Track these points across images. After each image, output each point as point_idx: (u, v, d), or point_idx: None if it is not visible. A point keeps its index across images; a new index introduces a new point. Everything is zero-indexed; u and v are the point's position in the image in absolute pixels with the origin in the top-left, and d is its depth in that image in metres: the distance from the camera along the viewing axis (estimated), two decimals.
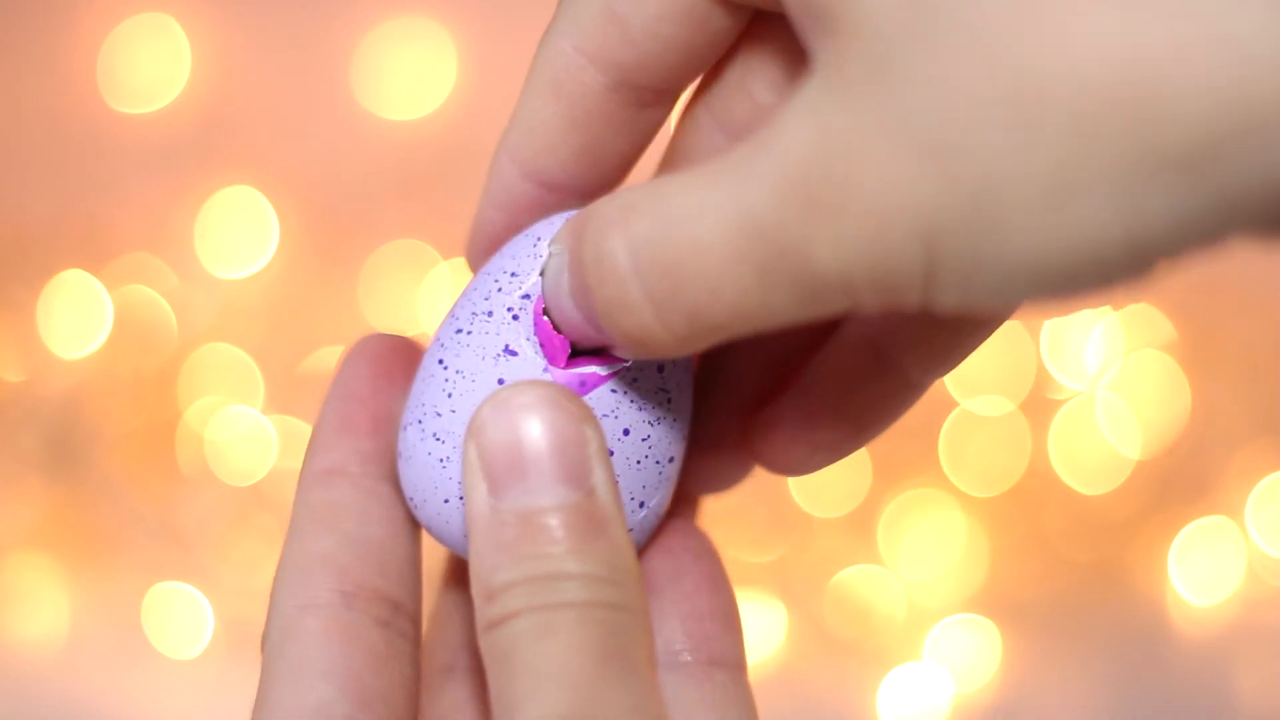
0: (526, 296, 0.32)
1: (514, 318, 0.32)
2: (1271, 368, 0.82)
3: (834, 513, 0.79)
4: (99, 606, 0.78)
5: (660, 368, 0.32)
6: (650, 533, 0.34)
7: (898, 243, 0.24)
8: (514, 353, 0.32)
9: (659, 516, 0.34)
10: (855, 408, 0.34)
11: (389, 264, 0.80)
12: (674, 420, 0.33)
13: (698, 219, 0.26)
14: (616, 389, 0.32)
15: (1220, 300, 0.82)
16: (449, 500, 0.32)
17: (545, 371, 0.31)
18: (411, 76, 0.81)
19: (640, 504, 0.33)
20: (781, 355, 0.35)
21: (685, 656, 0.33)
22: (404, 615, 0.33)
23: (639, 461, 0.32)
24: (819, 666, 0.78)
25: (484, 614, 0.29)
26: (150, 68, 0.80)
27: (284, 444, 0.77)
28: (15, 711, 0.77)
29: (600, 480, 0.30)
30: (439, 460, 0.32)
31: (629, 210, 0.27)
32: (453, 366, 0.32)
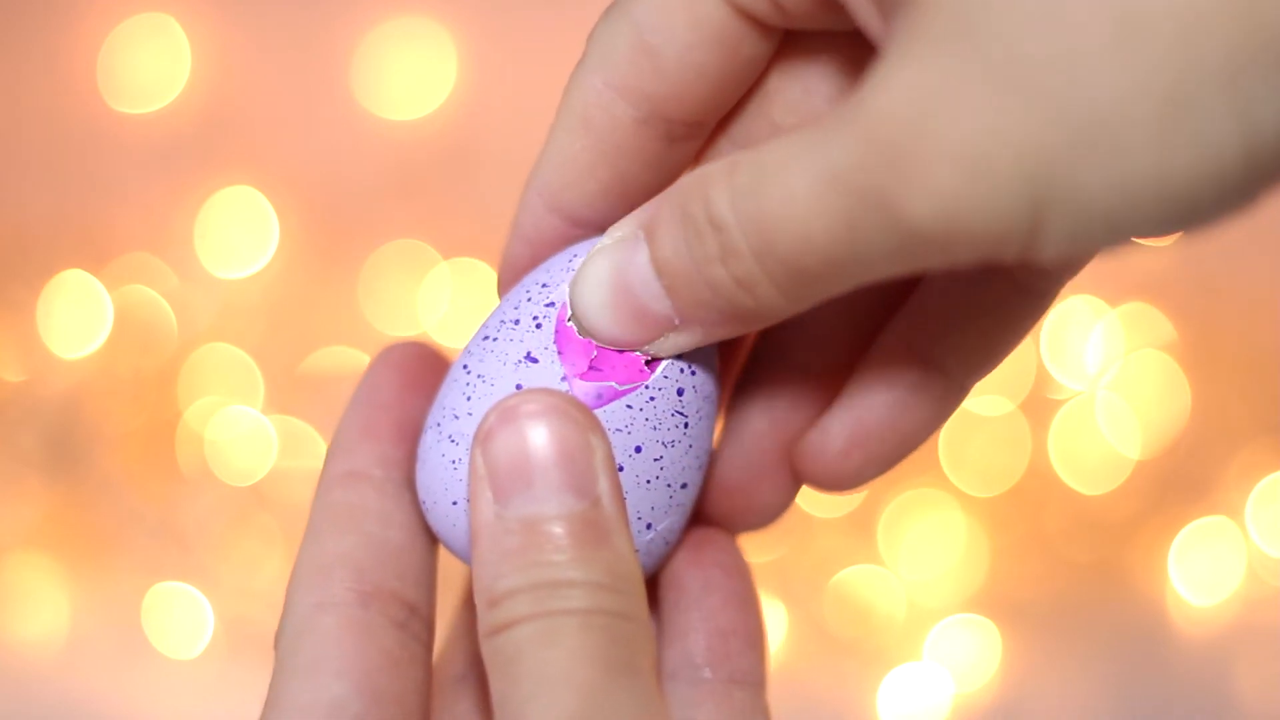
0: (551, 305, 0.32)
1: (538, 326, 0.32)
2: (1271, 368, 0.82)
3: (834, 513, 0.79)
4: (99, 606, 0.78)
5: (680, 391, 0.32)
6: (660, 559, 0.34)
7: (1002, 189, 0.24)
8: (534, 360, 0.32)
9: (668, 544, 0.33)
10: (904, 417, 0.34)
11: (389, 264, 0.80)
12: (689, 446, 0.33)
13: (785, 170, 0.26)
14: (632, 405, 0.32)
15: (1220, 300, 0.82)
16: (457, 503, 0.32)
17: (564, 380, 0.31)
18: (411, 76, 0.81)
19: (648, 525, 0.32)
20: (817, 376, 0.35)
21: (706, 673, 0.33)
22: (419, 620, 0.33)
23: (649, 481, 0.32)
24: (819, 666, 0.78)
25: (487, 620, 0.29)
26: (150, 68, 0.80)
27: (284, 444, 0.77)
28: (15, 711, 0.77)
29: (605, 490, 0.30)
30: (451, 462, 0.32)
31: (733, 165, 0.28)
32: (475, 371, 0.32)
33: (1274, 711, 0.79)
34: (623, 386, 0.31)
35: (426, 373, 0.35)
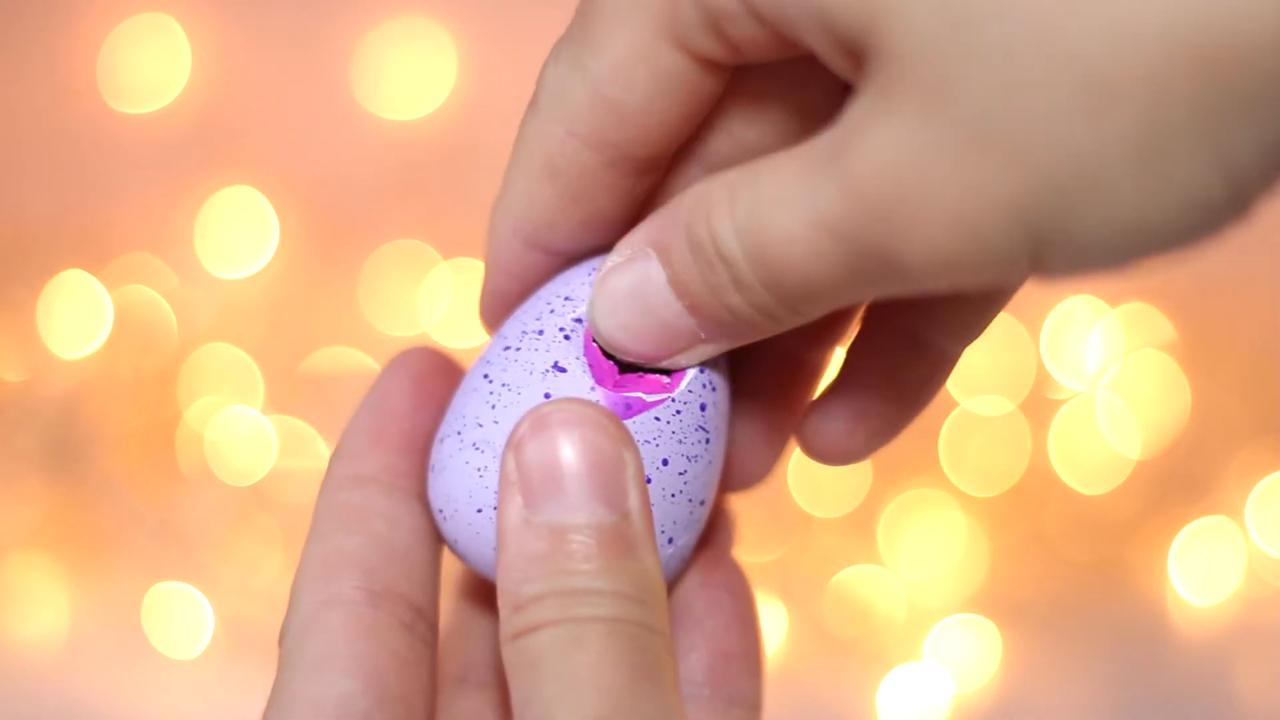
0: (579, 320, 0.32)
1: (565, 337, 0.32)
2: (1271, 368, 0.82)
3: (834, 513, 0.79)
4: (99, 606, 0.78)
5: (703, 406, 0.32)
6: (674, 574, 0.34)
7: (997, 239, 0.24)
8: (563, 369, 0.32)
9: (683, 560, 0.34)
10: (900, 389, 0.34)
11: (389, 264, 0.80)
12: (709, 462, 0.33)
13: (781, 209, 0.27)
14: (660, 418, 0.32)
15: (1220, 300, 0.82)
16: (482, 510, 0.32)
17: (593, 390, 0.32)
18: (411, 76, 0.81)
19: (669, 540, 0.33)
20: (804, 356, 0.36)
21: (705, 691, 0.33)
22: (425, 623, 0.33)
23: (674, 495, 0.32)
24: (819, 666, 0.78)
25: (511, 624, 0.29)
26: (150, 68, 0.80)
27: (284, 444, 0.77)
28: (15, 711, 0.77)
29: (635, 504, 0.30)
30: (476, 469, 0.32)
31: (732, 193, 0.28)
32: (498, 380, 0.32)
33: (1274, 711, 0.79)
34: (650, 398, 0.32)
35: (439, 381, 0.35)
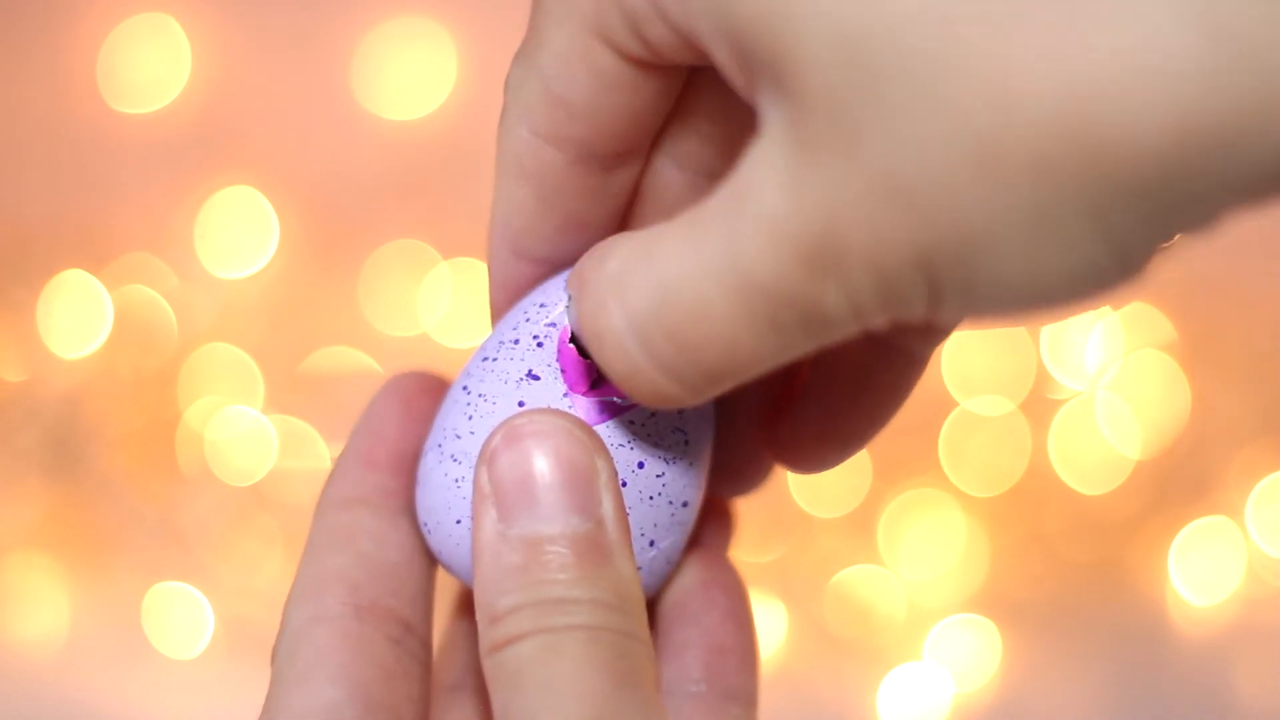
0: (552, 325, 0.32)
1: (538, 345, 0.32)
2: (1271, 368, 0.82)
3: (834, 513, 0.79)
4: (99, 606, 0.78)
5: (679, 409, 0.32)
6: (662, 578, 0.34)
7: (902, 277, 0.25)
8: (536, 377, 0.32)
9: (670, 562, 0.34)
10: (871, 395, 0.34)
11: (389, 264, 0.80)
12: (690, 464, 0.33)
13: (692, 283, 0.26)
14: (635, 420, 0.32)
15: (1220, 300, 0.82)
16: (460, 521, 0.32)
17: (565, 397, 0.32)
18: (411, 76, 0.81)
19: (650, 542, 0.33)
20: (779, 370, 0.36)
21: (701, 687, 0.33)
22: (415, 637, 0.33)
23: (652, 498, 0.32)
24: (819, 666, 0.78)
25: (488, 636, 0.29)
26: (150, 68, 0.80)
27: (284, 444, 0.77)
28: (15, 711, 0.77)
29: (609, 511, 0.30)
30: (454, 481, 0.32)
31: (620, 282, 0.27)
32: (475, 391, 0.32)
33: (1274, 711, 0.79)
34: (624, 402, 0.32)
35: (430, 401, 0.35)
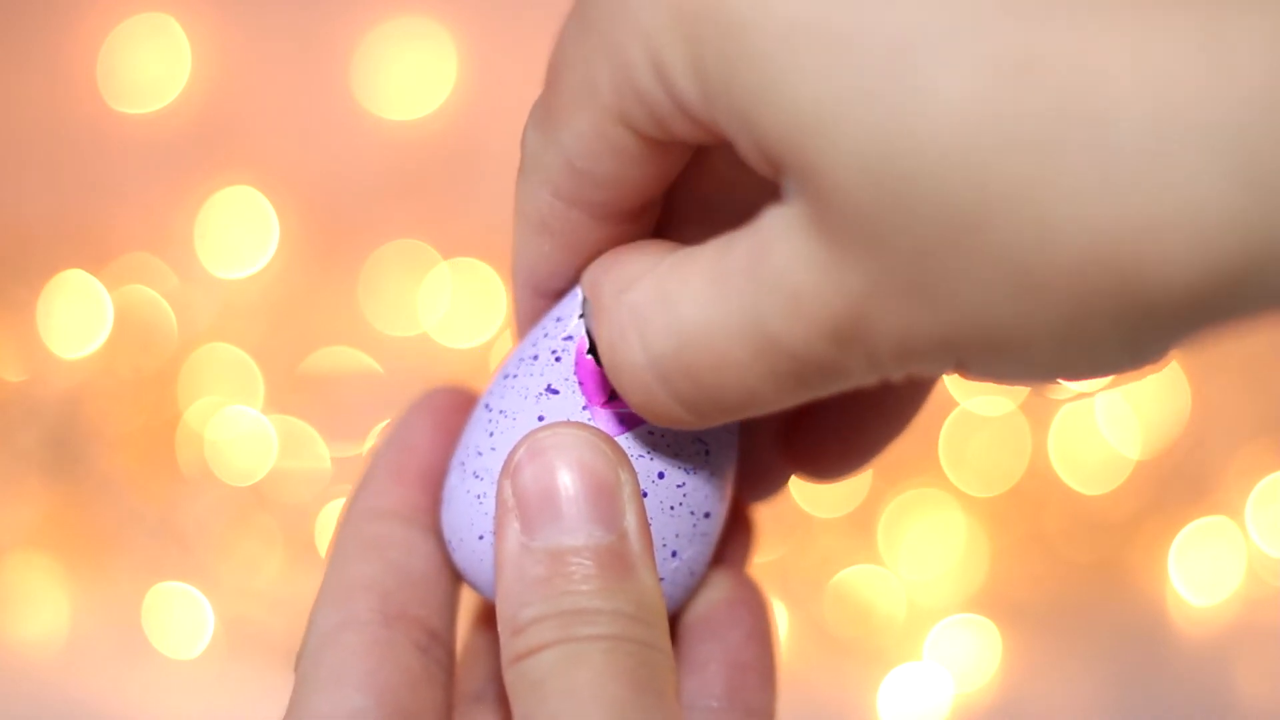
0: (569, 338, 0.32)
1: (556, 359, 0.32)
2: (1271, 368, 0.82)
3: (834, 513, 0.79)
4: (99, 606, 0.78)
5: None
6: (686, 590, 0.34)
7: (928, 354, 0.26)
8: (555, 391, 0.32)
9: (694, 575, 0.34)
10: (888, 403, 0.35)
11: (389, 264, 0.80)
12: (711, 474, 0.33)
13: (717, 339, 0.27)
14: (654, 431, 0.32)
15: None
16: (483, 536, 0.32)
17: (585, 410, 0.32)
18: (411, 76, 0.81)
19: (673, 553, 0.33)
20: None
21: (722, 703, 0.34)
22: (440, 646, 0.33)
23: (673, 508, 0.32)
24: (819, 666, 0.78)
25: (511, 647, 0.30)
26: (150, 68, 0.80)
27: (284, 444, 0.77)
28: (15, 711, 0.77)
29: (632, 524, 0.30)
30: (476, 496, 0.32)
31: (641, 316, 0.28)
32: (496, 408, 0.33)
33: (1274, 711, 0.79)
34: None
35: (460, 419, 0.36)
